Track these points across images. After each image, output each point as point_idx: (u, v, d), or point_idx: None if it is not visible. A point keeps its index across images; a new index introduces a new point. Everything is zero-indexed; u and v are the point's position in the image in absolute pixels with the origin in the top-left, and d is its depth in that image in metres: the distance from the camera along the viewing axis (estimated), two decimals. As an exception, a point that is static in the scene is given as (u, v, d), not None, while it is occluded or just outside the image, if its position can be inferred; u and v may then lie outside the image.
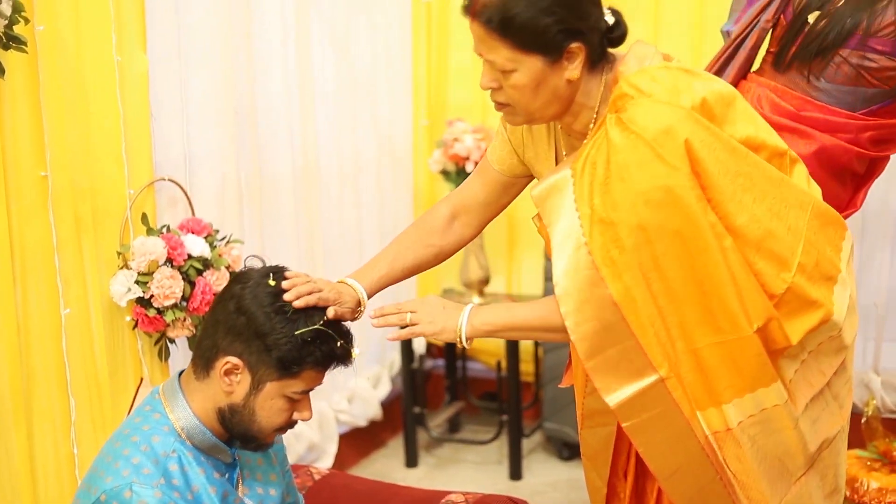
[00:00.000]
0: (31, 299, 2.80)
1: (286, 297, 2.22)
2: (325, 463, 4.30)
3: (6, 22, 2.47)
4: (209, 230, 3.20)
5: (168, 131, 3.37)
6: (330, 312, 2.27)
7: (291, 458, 4.06)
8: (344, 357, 2.27)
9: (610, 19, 2.23)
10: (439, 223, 2.62)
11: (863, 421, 4.09)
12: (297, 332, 2.17)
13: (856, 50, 3.00)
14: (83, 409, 2.95)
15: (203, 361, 2.26)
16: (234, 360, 2.19)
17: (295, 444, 4.13)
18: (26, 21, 2.58)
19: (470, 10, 2.19)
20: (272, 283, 2.22)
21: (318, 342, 2.20)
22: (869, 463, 3.99)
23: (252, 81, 3.79)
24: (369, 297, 2.45)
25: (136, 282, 2.97)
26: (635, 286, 2.13)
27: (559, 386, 2.81)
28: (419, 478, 4.54)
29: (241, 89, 3.72)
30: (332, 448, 4.37)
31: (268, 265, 2.32)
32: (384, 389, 4.82)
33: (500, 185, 2.60)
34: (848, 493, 3.92)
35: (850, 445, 3.97)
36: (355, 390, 4.62)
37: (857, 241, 4.35)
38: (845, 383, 2.42)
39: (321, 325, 2.21)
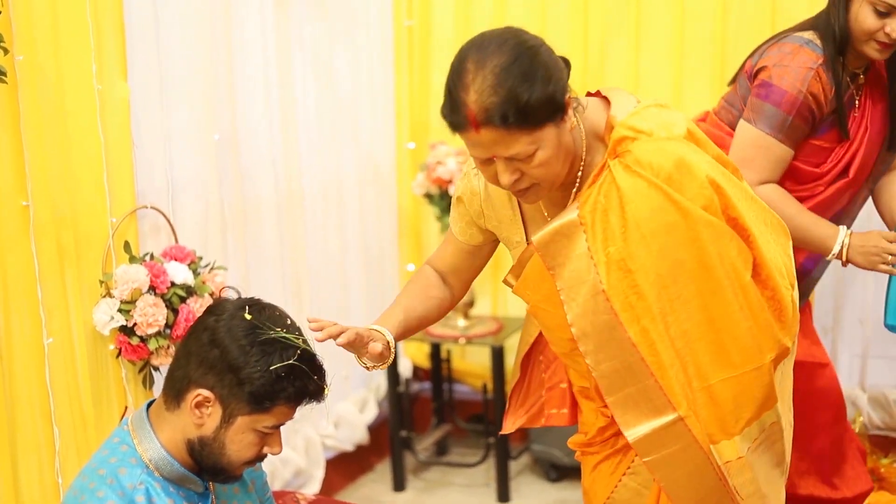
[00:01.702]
0: (14, 329, 2.80)
1: (317, 337, 2.21)
2: (312, 488, 4.29)
3: (-15, 53, 2.48)
4: (192, 257, 3.19)
5: (150, 159, 3.37)
6: (376, 348, 2.27)
7: (278, 484, 4.05)
8: (316, 393, 2.26)
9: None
10: (434, 278, 2.65)
11: (848, 438, 4.11)
12: (272, 367, 2.16)
13: None
14: (67, 438, 2.94)
15: (174, 392, 2.25)
16: (205, 392, 2.19)
17: (281, 469, 4.11)
18: (6, 52, 2.59)
19: (471, 122, 2.14)
20: (248, 316, 2.21)
21: (292, 378, 2.19)
22: (856, 480, 4.01)
23: (234, 107, 3.79)
24: (398, 336, 2.43)
25: (119, 310, 2.96)
26: (653, 329, 2.19)
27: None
28: (407, 501, 4.53)
29: (223, 116, 3.72)
30: (318, 473, 4.35)
31: (244, 297, 2.31)
32: (371, 413, 4.81)
33: (467, 252, 2.61)
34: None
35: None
36: (342, 415, 4.61)
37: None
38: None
39: (295, 361, 2.20)
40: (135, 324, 2.96)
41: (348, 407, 4.66)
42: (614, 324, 2.21)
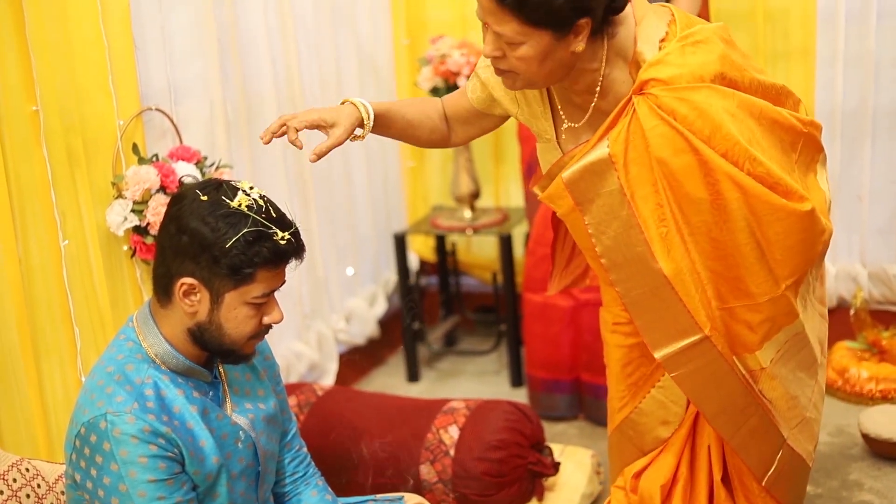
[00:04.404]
0: (31, 233, 2.86)
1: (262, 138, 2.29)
2: (326, 381, 4.37)
3: (-12, -36, 2.50)
4: (198, 157, 3.23)
5: (152, 61, 3.39)
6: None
7: (292, 378, 4.13)
8: (293, 251, 2.26)
9: None
10: (438, 109, 2.65)
11: (851, 313, 4.17)
12: (240, 234, 2.16)
13: None
14: (87, 337, 3.01)
15: (161, 289, 2.27)
16: (188, 280, 2.21)
17: (296, 363, 4.20)
18: (9, -39, 2.61)
19: None
20: (204, 197, 2.21)
21: (263, 239, 2.19)
22: (859, 353, 4.08)
23: (233, 7, 3.80)
24: (375, 121, 2.45)
25: (132, 210, 3.00)
26: (682, 259, 2.31)
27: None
28: (421, 391, 4.58)
29: (223, 18, 3.73)
30: (332, 367, 4.45)
31: (201, 180, 2.30)
32: (380, 308, 4.88)
33: (474, 112, 2.62)
34: (840, 383, 4.01)
35: (840, 337, 4.07)
36: (353, 310, 4.69)
37: (839, 138, 4.41)
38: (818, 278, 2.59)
39: (264, 222, 2.20)
40: (148, 223, 3.00)
41: (358, 302, 4.74)
42: (646, 256, 2.32)
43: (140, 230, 3.03)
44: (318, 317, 4.42)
